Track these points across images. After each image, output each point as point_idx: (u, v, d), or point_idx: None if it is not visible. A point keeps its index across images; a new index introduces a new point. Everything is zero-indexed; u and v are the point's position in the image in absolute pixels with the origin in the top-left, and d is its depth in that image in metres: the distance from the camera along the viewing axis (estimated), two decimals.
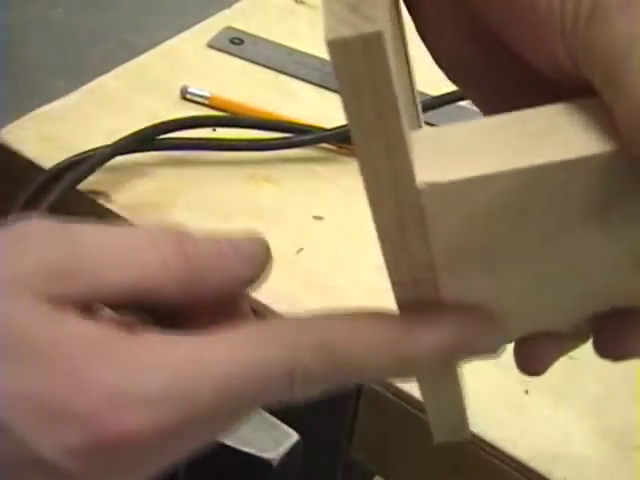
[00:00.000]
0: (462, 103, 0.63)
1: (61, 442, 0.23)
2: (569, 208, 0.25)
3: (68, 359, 0.24)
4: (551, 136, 0.24)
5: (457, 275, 0.27)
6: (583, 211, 0.25)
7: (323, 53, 0.72)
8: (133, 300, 0.26)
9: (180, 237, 0.27)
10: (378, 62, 0.21)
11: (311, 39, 0.74)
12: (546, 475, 0.46)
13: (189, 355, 0.25)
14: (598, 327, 0.30)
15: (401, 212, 0.25)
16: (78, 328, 0.25)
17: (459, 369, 0.32)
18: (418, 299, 0.27)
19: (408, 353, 0.27)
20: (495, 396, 0.49)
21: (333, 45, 0.21)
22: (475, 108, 0.30)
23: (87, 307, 0.26)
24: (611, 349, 0.30)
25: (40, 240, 0.26)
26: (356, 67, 0.21)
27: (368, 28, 0.21)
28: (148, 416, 0.24)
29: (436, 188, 0.24)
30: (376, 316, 0.27)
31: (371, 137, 0.23)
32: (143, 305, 0.27)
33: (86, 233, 0.26)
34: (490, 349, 0.29)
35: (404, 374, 0.29)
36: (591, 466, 0.47)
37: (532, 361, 0.31)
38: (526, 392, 0.50)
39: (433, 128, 0.26)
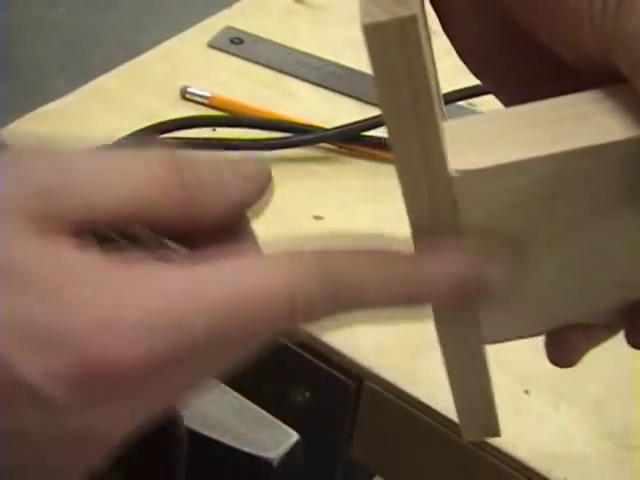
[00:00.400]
0: (461, 103, 0.63)
1: (46, 366, 0.22)
2: (599, 194, 0.25)
3: (56, 284, 0.23)
4: (581, 122, 0.24)
5: None
6: (613, 197, 0.25)
7: (323, 53, 0.72)
8: (126, 223, 0.25)
9: (175, 158, 0.26)
10: (412, 45, 0.22)
11: (311, 39, 0.74)
12: (546, 475, 0.46)
13: (185, 281, 0.24)
14: (630, 318, 0.29)
15: (434, 201, 0.25)
16: (68, 253, 0.23)
17: (486, 356, 0.31)
18: (452, 307, 0.28)
19: (414, 277, 0.26)
20: (495, 396, 0.49)
21: (369, 29, 0.21)
22: (474, 108, 0.30)
23: (78, 232, 0.24)
24: None
25: (28, 161, 0.24)
26: (391, 51, 0.22)
27: (403, 12, 0.21)
28: (139, 343, 0.23)
29: (469, 175, 0.24)
30: (382, 249, 0.26)
31: (405, 122, 0.23)
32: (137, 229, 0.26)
33: (76, 155, 0.25)
34: (502, 280, 0.27)
35: (411, 303, 0.27)
36: (591, 466, 0.47)
37: (563, 353, 0.31)
38: (526, 392, 0.50)
39: (462, 118, 0.26)
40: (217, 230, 0.27)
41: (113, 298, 0.23)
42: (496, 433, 0.33)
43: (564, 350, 0.31)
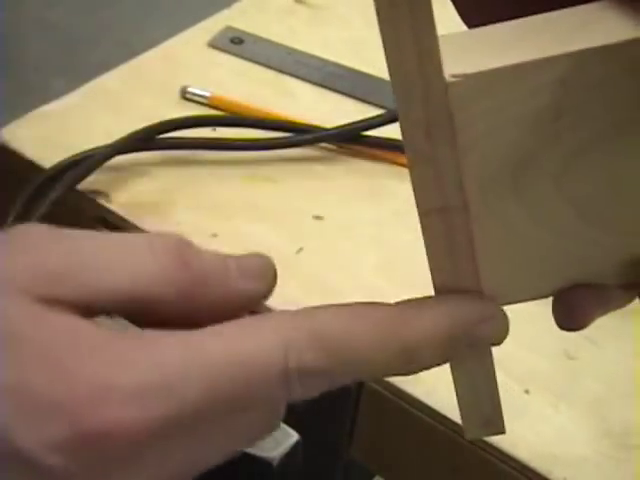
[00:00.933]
0: None
1: (44, 435, 0.22)
2: (609, 110, 0.24)
3: (53, 352, 0.23)
4: (587, 28, 0.23)
5: (488, 205, 0.26)
6: (624, 113, 0.24)
7: (323, 53, 0.72)
8: (128, 307, 0.26)
9: (181, 246, 0.26)
10: None
11: (311, 39, 0.74)
12: (546, 475, 0.46)
13: (179, 349, 0.24)
14: None
15: (429, 113, 0.23)
16: (66, 323, 0.24)
17: (488, 350, 0.30)
18: (447, 234, 0.26)
19: (407, 339, 0.26)
20: None
21: None
22: None
23: (80, 313, 0.25)
24: None
25: (34, 243, 0.25)
26: None
27: None
28: (135, 410, 0.23)
29: (465, 81, 0.23)
30: (371, 306, 0.27)
31: (399, 19, 0.22)
32: (139, 313, 0.26)
33: (82, 238, 0.26)
34: (493, 333, 0.28)
35: (407, 366, 0.27)
36: (591, 466, 0.47)
37: (571, 315, 0.29)
38: (526, 392, 0.50)
39: (462, 31, 0.25)
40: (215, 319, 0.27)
41: (109, 366, 0.23)
42: (500, 430, 0.31)
43: (571, 311, 0.29)
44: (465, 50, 0.24)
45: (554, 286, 0.29)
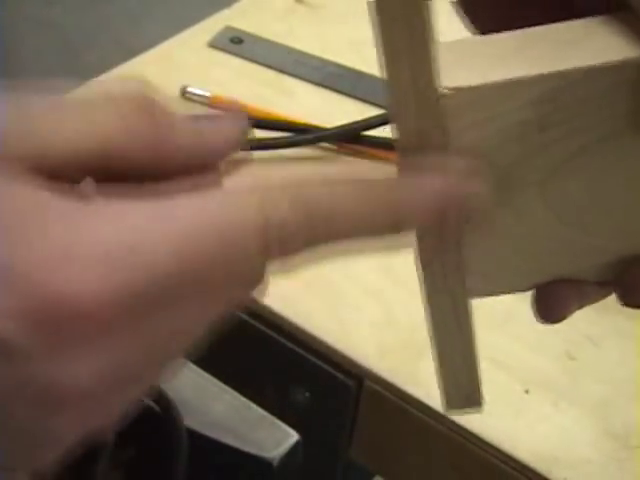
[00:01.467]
0: None
1: (0, 306, 0.20)
2: (595, 124, 0.25)
3: (10, 220, 0.21)
4: (580, 45, 0.24)
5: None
6: (609, 127, 0.25)
7: (323, 53, 0.72)
8: (91, 165, 0.24)
9: (147, 102, 0.25)
10: None
11: (311, 39, 0.74)
12: (546, 475, 0.46)
13: (146, 214, 0.22)
14: (623, 276, 0.29)
15: (422, 123, 0.24)
16: (24, 191, 0.22)
17: (471, 314, 0.30)
18: (436, 237, 0.27)
19: (392, 200, 0.25)
20: (495, 396, 0.49)
21: None
22: None
23: (39, 175, 0.23)
24: (636, 297, 0.29)
25: None
26: None
27: None
28: (99, 278, 0.21)
29: (457, 94, 0.23)
30: (358, 176, 0.25)
31: (395, 26, 0.22)
32: (107, 172, 0.24)
33: (42, 99, 0.24)
34: (484, 199, 0.26)
35: (390, 228, 0.25)
36: (591, 466, 0.47)
37: (550, 307, 0.30)
38: (526, 392, 0.50)
39: (459, 40, 0.25)
40: (187, 173, 0.26)
41: (70, 232, 0.21)
42: (479, 404, 0.32)
43: (551, 303, 0.29)
44: (460, 61, 0.24)
45: (535, 281, 0.30)
